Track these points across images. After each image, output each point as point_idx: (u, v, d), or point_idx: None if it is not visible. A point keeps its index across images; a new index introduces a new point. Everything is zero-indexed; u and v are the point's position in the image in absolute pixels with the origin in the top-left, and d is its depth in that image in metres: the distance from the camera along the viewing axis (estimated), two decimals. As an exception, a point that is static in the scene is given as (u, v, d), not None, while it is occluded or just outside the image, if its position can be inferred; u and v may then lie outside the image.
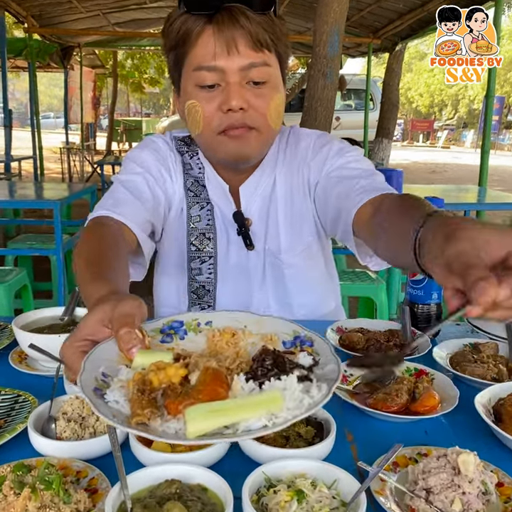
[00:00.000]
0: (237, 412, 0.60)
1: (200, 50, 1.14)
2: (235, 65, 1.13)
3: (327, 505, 0.69)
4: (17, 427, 0.84)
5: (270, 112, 1.18)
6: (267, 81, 1.17)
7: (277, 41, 1.17)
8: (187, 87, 1.19)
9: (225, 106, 1.14)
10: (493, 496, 0.73)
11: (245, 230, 1.32)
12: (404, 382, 0.99)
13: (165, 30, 1.20)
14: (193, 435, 0.58)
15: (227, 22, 1.11)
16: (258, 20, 1.13)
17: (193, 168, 1.35)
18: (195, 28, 1.13)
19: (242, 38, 1.12)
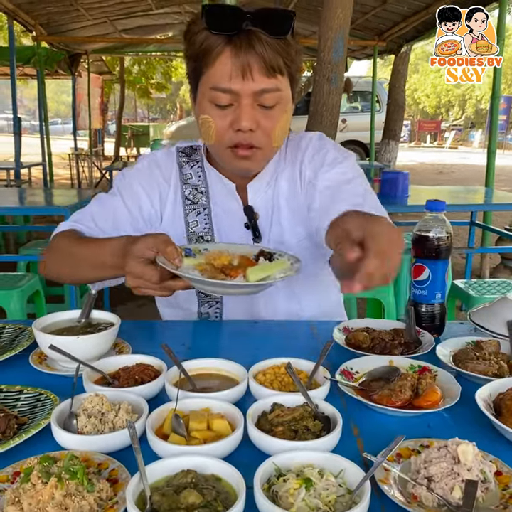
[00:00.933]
0: (268, 269, 1.11)
1: (217, 71, 1.22)
2: (249, 90, 1.22)
3: (334, 492, 0.73)
4: (41, 423, 0.88)
5: (275, 132, 1.28)
6: (276, 104, 1.25)
7: (290, 63, 1.25)
8: (202, 100, 1.28)
9: (236, 125, 1.24)
10: (491, 484, 0.77)
11: (254, 222, 1.43)
12: (407, 378, 1.03)
13: (187, 38, 1.28)
14: (253, 280, 1.07)
15: (244, 47, 1.19)
16: (274, 45, 1.20)
17: (193, 177, 1.47)
18: (215, 48, 1.21)
19: (257, 64, 1.20)
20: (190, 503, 0.70)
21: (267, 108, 1.25)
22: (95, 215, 1.42)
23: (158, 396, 1.02)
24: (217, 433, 0.87)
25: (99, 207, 1.44)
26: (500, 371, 1.10)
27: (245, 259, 1.15)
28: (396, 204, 4.06)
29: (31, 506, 0.70)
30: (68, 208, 3.64)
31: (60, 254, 1.37)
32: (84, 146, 15.41)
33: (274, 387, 1.02)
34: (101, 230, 1.40)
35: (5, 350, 1.18)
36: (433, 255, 1.28)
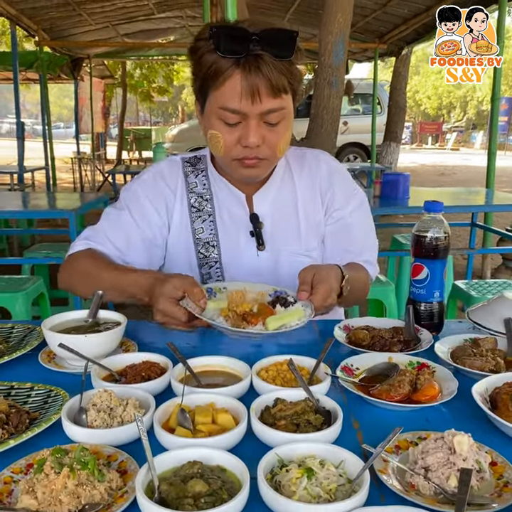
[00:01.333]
0: (286, 317, 1.20)
1: (226, 93, 1.29)
2: (256, 111, 1.29)
3: (334, 481, 0.76)
4: (52, 418, 0.92)
5: (279, 145, 1.38)
6: (281, 120, 1.33)
7: (293, 81, 1.32)
8: (211, 117, 1.35)
9: (243, 141, 1.33)
10: (486, 474, 0.80)
11: (259, 230, 1.50)
12: (406, 374, 1.06)
13: (194, 57, 1.33)
14: (272, 328, 1.17)
15: (252, 70, 1.25)
16: (279, 67, 1.27)
17: (198, 185, 1.54)
18: (225, 71, 1.27)
19: (264, 87, 1.27)
20: (197, 492, 0.73)
21: (272, 125, 1.33)
22: (108, 232, 1.49)
23: (165, 392, 1.05)
24: (221, 426, 0.90)
25: (110, 223, 1.51)
26: (497, 367, 1.13)
27: (264, 307, 1.26)
28: (397, 206, 4.09)
29: (45, 495, 0.73)
30: (73, 212, 3.68)
31: (80, 274, 1.44)
32: (86, 149, 15.48)
33: (276, 383, 1.05)
34: (114, 246, 1.47)
35: (15, 349, 1.21)
36: (431, 255, 1.31)
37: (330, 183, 1.57)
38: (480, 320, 1.36)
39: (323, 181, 1.57)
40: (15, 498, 0.75)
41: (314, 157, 1.60)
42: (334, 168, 1.59)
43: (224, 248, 1.52)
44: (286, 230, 1.54)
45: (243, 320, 1.21)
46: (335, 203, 1.56)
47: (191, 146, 15.48)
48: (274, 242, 1.52)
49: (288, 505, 0.71)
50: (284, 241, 1.53)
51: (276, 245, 1.52)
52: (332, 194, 1.56)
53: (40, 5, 7.74)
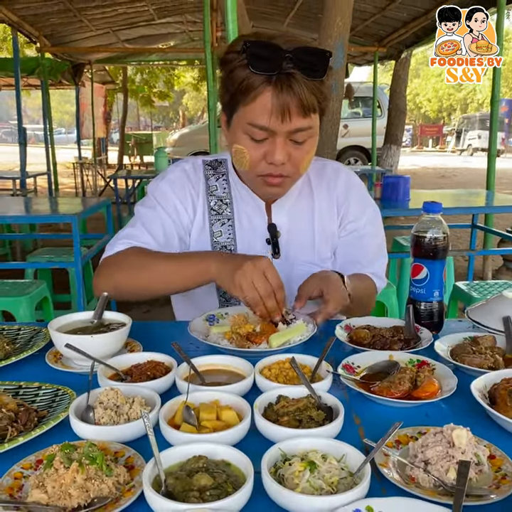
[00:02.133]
0: (288, 334, 1.26)
1: (256, 110, 1.28)
2: (285, 129, 1.29)
3: (336, 475, 0.78)
4: (60, 415, 0.94)
5: (303, 163, 1.40)
6: (307, 139, 1.34)
7: (323, 101, 1.33)
8: (237, 131, 1.35)
9: (269, 158, 1.34)
10: (485, 467, 0.82)
11: (276, 239, 1.53)
12: (406, 371, 1.08)
13: (226, 69, 1.32)
14: (276, 346, 1.22)
15: (284, 88, 1.25)
16: (310, 86, 1.27)
17: (218, 188, 1.56)
18: (257, 87, 1.26)
19: (295, 107, 1.26)
20: (203, 485, 0.75)
21: (298, 143, 1.34)
22: (148, 229, 1.48)
23: (170, 391, 1.07)
24: (226, 423, 0.92)
25: (148, 221, 1.50)
26: (496, 364, 1.15)
27: (267, 326, 1.29)
28: (397, 208, 4.11)
29: (55, 489, 0.75)
30: (75, 216, 3.70)
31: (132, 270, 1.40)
32: (88, 155, 15.54)
33: (279, 381, 1.07)
34: (158, 243, 1.47)
35: (22, 350, 1.23)
36: (430, 255, 1.33)
37: (346, 196, 1.60)
38: (479, 318, 1.38)
39: (340, 194, 1.60)
40: (25, 493, 0.77)
41: (334, 170, 1.62)
42: (352, 182, 1.62)
43: (241, 253, 1.53)
44: (301, 239, 1.57)
45: (247, 340, 1.25)
46: (349, 216, 1.60)
47: (192, 151, 15.56)
48: (288, 251, 1.56)
49: (291, 497, 0.73)
50: (298, 250, 1.56)
51: (290, 254, 1.55)
52: (347, 206, 1.60)
53: (42, 11, 7.79)
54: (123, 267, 1.43)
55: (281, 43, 1.26)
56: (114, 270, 1.44)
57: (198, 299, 1.55)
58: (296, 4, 8.04)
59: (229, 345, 1.23)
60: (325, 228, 1.59)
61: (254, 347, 1.23)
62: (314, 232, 1.58)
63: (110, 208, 4.94)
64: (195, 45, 11.34)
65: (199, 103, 38.74)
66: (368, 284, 1.60)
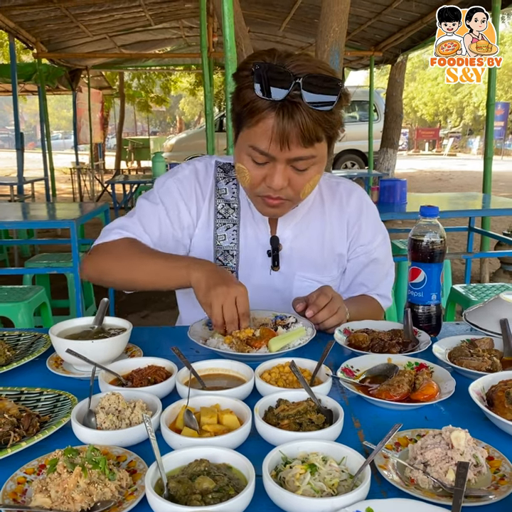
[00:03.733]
0: (288, 338, 1.27)
1: (257, 134, 1.28)
2: (284, 157, 1.29)
3: (337, 477, 0.79)
4: (62, 420, 0.94)
5: (304, 189, 1.37)
6: (310, 166, 1.33)
7: (330, 129, 1.30)
8: (241, 150, 1.35)
9: (268, 182, 1.34)
10: (483, 468, 0.83)
11: (277, 252, 1.53)
12: (405, 374, 1.09)
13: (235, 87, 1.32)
14: (275, 350, 1.23)
15: (286, 116, 1.23)
16: (316, 117, 1.24)
17: (227, 192, 1.56)
18: (260, 112, 1.25)
19: (296, 136, 1.25)
20: (205, 488, 0.75)
21: (300, 170, 1.33)
22: (144, 223, 1.49)
23: (170, 395, 1.08)
24: (227, 427, 0.93)
25: (146, 216, 1.51)
26: (493, 367, 1.16)
27: (266, 330, 1.30)
28: (394, 211, 4.13)
29: (58, 493, 0.76)
30: (73, 221, 3.71)
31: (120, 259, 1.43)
32: (85, 160, 15.54)
33: (279, 385, 1.08)
34: (150, 239, 1.49)
35: (23, 356, 1.24)
36: (428, 258, 1.35)
37: (358, 218, 1.60)
38: (477, 321, 1.39)
39: (351, 215, 1.60)
40: (28, 497, 0.78)
41: (347, 190, 1.62)
42: (364, 204, 1.62)
43: (242, 259, 1.54)
44: (305, 255, 1.56)
45: (247, 345, 1.26)
46: (360, 239, 1.60)
47: (189, 156, 15.57)
48: (290, 264, 1.55)
49: (292, 500, 0.74)
50: (300, 266, 1.56)
51: (291, 268, 1.55)
52: (358, 230, 1.60)
53: (39, 18, 7.81)
54: (112, 256, 1.46)
55: (292, 66, 1.24)
56: (102, 258, 1.47)
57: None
58: (293, 9, 8.06)
59: (229, 349, 1.24)
60: (334, 248, 1.59)
61: (254, 351, 1.24)
62: (323, 250, 1.57)
63: (108, 213, 4.95)
64: (192, 51, 11.38)
65: (196, 108, 38.82)
66: (373, 307, 1.64)
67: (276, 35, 10.26)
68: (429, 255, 1.34)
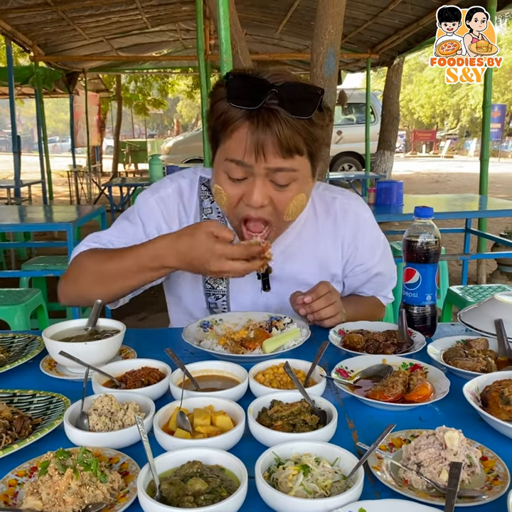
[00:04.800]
0: (282, 339, 1.26)
1: (232, 145, 1.22)
2: (261, 168, 1.22)
3: (330, 478, 0.78)
4: (54, 423, 0.94)
5: (288, 209, 1.30)
6: (291, 182, 1.25)
7: (312, 142, 1.23)
8: (218, 169, 1.30)
9: (246, 199, 1.26)
10: (477, 468, 0.83)
11: (267, 277, 1.45)
12: (399, 375, 1.09)
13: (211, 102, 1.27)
14: (269, 351, 1.22)
15: (261, 125, 1.16)
16: (294, 126, 1.17)
17: (213, 212, 1.48)
18: (234, 122, 1.19)
19: (271, 145, 1.18)
20: (197, 490, 0.75)
21: (280, 186, 1.25)
22: (115, 241, 1.43)
23: (164, 397, 1.07)
24: (220, 428, 0.92)
25: (120, 233, 1.45)
26: (488, 367, 1.16)
27: (260, 331, 1.30)
28: (391, 213, 4.14)
29: (49, 496, 0.75)
30: (70, 224, 3.70)
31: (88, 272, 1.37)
32: (82, 163, 15.53)
33: (273, 386, 1.08)
34: None
35: (16, 358, 1.23)
36: (422, 259, 1.35)
37: (354, 238, 1.53)
38: (472, 322, 1.39)
39: (347, 235, 1.52)
40: (20, 500, 0.77)
41: (342, 207, 1.53)
42: (361, 221, 1.54)
43: (232, 282, 1.49)
44: (297, 276, 1.51)
45: (241, 346, 1.25)
46: (357, 259, 1.55)
47: (186, 158, 15.59)
48: (281, 285, 1.49)
49: (285, 501, 0.73)
50: (292, 286, 1.47)
51: (284, 289, 1.49)
52: (355, 249, 1.54)
53: (35, 21, 7.81)
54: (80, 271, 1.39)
55: (268, 76, 1.19)
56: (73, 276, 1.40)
57: (187, 305, 1.55)
58: (289, 12, 8.08)
59: (223, 351, 1.23)
60: (327, 269, 1.54)
61: (248, 352, 1.24)
62: (316, 271, 1.52)
63: (105, 216, 4.94)
64: (189, 53, 11.38)
65: (193, 110, 38.85)
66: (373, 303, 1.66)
67: (273, 38, 10.28)
68: (424, 256, 1.34)
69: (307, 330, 1.32)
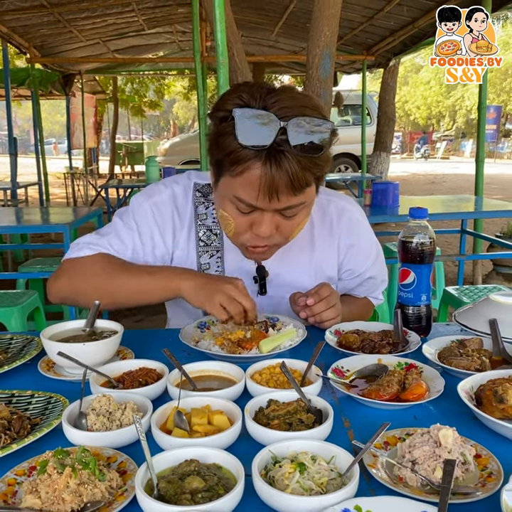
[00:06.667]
0: (278, 339, 1.27)
1: (244, 185, 1.19)
2: (273, 207, 1.23)
3: (326, 476, 0.79)
4: (53, 423, 0.95)
5: (294, 234, 1.34)
6: (299, 212, 1.27)
7: (320, 172, 1.23)
8: (224, 197, 1.28)
9: (255, 230, 1.27)
10: (471, 466, 0.84)
11: (264, 281, 1.48)
12: (395, 374, 1.10)
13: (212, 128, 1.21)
14: (266, 351, 1.23)
15: (274, 167, 1.14)
16: (304, 163, 1.15)
17: (208, 217, 1.48)
18: (245, 162, 1.15)
19: (285, 185, 1.16)
20: (194, 488, 0.76)
21: (288, 217, 1.27)
22: (113, 242, 1.45)
23: (162, 397, 1.08)
24: (217, 427, 0.93)
25: (118, 239, 1.46)
26: (482, 366, 1.17)
27: (257, 332, 1.30)
28: (387, 214, 4.15)
29: (48, 494, 0.76)
30: (67, 225, 3.71)
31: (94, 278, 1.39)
32: (79, 165, 15.52)
33: (269, 385, 1.09)
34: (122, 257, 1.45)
35: (14, 359, 1.24)
36: (417, 260, 1.36)
37: (349, 242, 1.54)
38: (466, 322, 1.40)
39: (342, 239, 1.54)
40: (19, 499, 0.78)
41: (338, 210, 1.54)
42: (355, 225, 1.55)
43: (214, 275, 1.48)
44: (293, 280, 1.51)
45: (238, 346, 1.26)
46: (351, 262, 1.57)
47: (183, 160, 15.60)
48: (277, 289, 1.51)
49: (281, 498, 0.74)
50: (288, 290, 1.48)
51: (279, 292, 1.50)
52: (350, 253, 1.55)
53: (32, 23, 7.81)
54: (87, 273, 1.40)
55: (276, 109, 1.14)
56: (77, 276, 1.42)
57: (186, 306, 1.56)
58: (285, 14, 8.10)
59: (220, 351, 1.24)
60: (323, 272, 1.55)
61: (245, 353, 1.25)
62: (312, 275, 1.53)
63: (101, 218, 4.95)
64: (185, 55, 11.39)
65: (190, 112, 38.87)
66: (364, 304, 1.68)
67: (269, 40, 10.30)
68: (419, 256, 1.35)
69: (303, 330, 1.33)
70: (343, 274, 1.60)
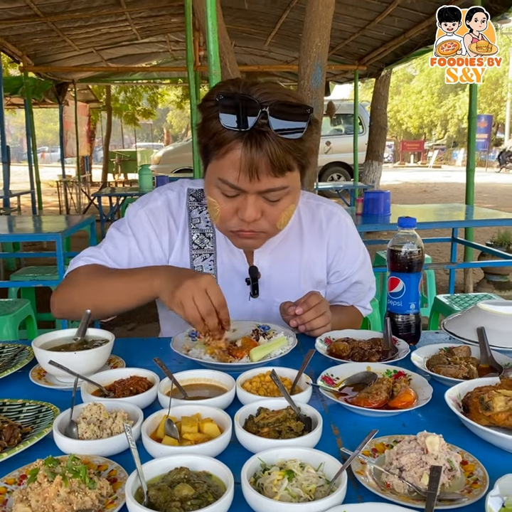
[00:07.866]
0: (269, 347, 1.28)
1: (225, 166, 1.25)
2: (255, 188, 1.26)
3: (314, 483, 0.80)
4: (43, 431, 0.95)
5: (280, 220, 1.36)
6: (283, 197, 1.30)
7: (302, 157, 1.28)
8: (210, 183, 1.33)
9: (240, 214, 1.31)
10: (457, 472, 0.85)
11: (256, 282, 1.50)
12: (383, 382, 1.11)
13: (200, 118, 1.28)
14: (256, 360, 1.23)
15: (254, 147, 1.20)
16: (285, 145, 1.21)
17: (201, 221, 1.52)
18: (228, 143, 1.22)
19: (265, 166, 1.21)
20: (184, 495, 0.77)
21: (272, 201, 1.31)
22: (111, 253, 1.48)
23: (152, 406, 1.09)
24: (207, 435, 0.94)
25: (114, 248, 1.48)
26: (470, 374, 1.18)
27: (247, 340, 1.32)
28: (378, 223, 4.18)
29: (38, 503, 0.76)
30: (59, 234, 3.71)
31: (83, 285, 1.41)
32: (71, 173, 15.50)
33: (260, 394, 1.10)
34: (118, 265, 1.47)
35: (6, 368, 1.24)
36: (406, 268, 1.37)
37: (338, 245, 1.58)
38: (455, 330, 1.42)
39: (331, 241, 1.57)
40: (9, 508, 0.78)
41: (327, 213, 1.58)
42: (344, 228, 1.59)
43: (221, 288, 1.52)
44: (283, 282, 1.54)
45: (229, 355, 1.27)
46: (339, 265, 1.60)
47: (176, 168, 15.62)
48: (269, 291, 1.53)
49: (269, 505, 0.75)
50: (279, 292, 1.52)
51: (270, 295, 1.53)
52: (338, 256, 1.58)
53: (25, 32, 7.84)
54: (74, 283, 1.43)
55: (259, 95, 1.21)
56: (70, 289, 1.44)
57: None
58: (278, 24, 8.17)
59: (211, 359, 1.25)
60: (312, 275, 1.58)
61: (235, 361, 1.25)
62: (301, 277, 1.56)
63: (94, 226, 4.95)
64: (179, 64, 11.46)
65: (183, 120, 38.98)
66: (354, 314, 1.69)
67: (262, 50, 10.37)
68: (407, 265, 1.37)
69: (294, 338, 1.34)
70: (331, 277, 1.62)
